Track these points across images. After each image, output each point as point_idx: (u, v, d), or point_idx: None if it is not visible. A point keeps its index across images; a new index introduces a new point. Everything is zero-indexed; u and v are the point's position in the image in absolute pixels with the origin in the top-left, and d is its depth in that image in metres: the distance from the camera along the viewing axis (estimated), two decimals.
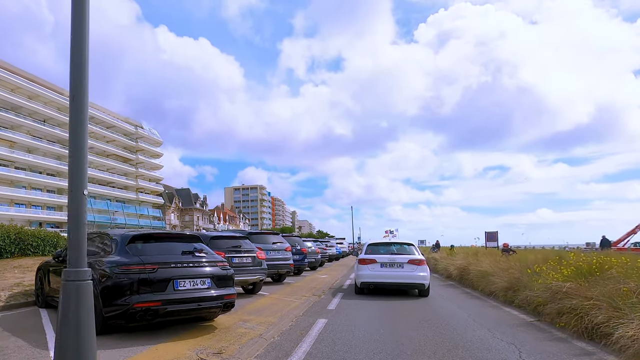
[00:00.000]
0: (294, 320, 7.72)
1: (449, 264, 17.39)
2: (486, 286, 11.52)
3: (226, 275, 6.42)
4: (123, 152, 79.55)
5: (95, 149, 72.83)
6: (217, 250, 9.90)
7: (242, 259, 10.33)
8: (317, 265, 21.36)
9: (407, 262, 11.52)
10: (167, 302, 5.59)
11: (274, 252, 13.64)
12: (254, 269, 10.44)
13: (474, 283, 12.94)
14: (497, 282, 10.58)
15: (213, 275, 6.20)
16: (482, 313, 8.89)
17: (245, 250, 10.48)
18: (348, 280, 16.27)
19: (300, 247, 17.65)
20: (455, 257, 17.82)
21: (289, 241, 17.18)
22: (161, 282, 5.65)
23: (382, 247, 12.53)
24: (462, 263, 15.16)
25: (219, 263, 6.45)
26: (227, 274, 6.44)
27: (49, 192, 64.45)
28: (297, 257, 17.25)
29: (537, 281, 8.47)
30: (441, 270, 18.68)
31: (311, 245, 20.99)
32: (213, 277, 6.19)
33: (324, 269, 22.31)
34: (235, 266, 10.17)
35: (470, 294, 12.22)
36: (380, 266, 11.64)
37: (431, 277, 12.69)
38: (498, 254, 15.44)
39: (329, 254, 30.11)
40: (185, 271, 5.93)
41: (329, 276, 17.89)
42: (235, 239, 10.78)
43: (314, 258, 20.67)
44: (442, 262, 19.19)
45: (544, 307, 7.76)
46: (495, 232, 35.96)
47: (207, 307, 6.03)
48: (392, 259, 11.67)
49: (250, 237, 13.46)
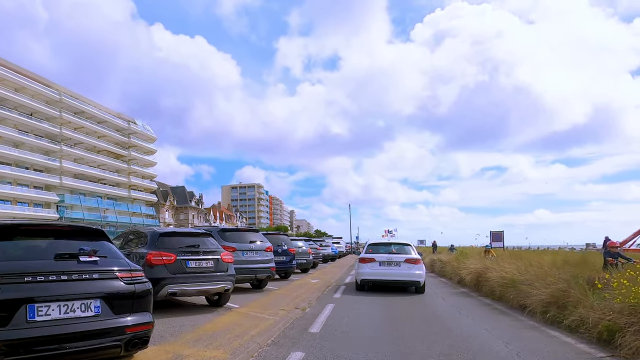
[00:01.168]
0: (255, 356, 5.29)
1: (459, 267, 14.96)
2: (515, 298, 9.08)
3: (133, 292, 3.98)
4: (115, 148, 76.99)
5: (86, 145, 70.38)
6: (166, 251, 7.49)
7: (201, 262, 7.88)
8: (308, 267, 18.93)
9: (404, 261, 12.16)
10: (10, 345, 3.16)
11: (250, 253, 11.19)
12: (216, 275, 8.00)
13: (496, 292, 10.50)
14: (533, 293, 8.13)
15: (108, 295, 3.77)
16: (522, 339, 6.44)
17: (205, 251, 8.03)
18: (343, 286, 13.84)
19: (287, 246, 15.20)
20: (466, 259, 15.34)
21: (274, 240, 14.75)
22: (3, 308, 3.23)
23: (381, 247, 13.15)
24: (477, 267, 12.70)
25: (122, 274, 4.00)
26: (134, 290, 4.00)
27: (36, 188, 61.90)
28: (282, 258, 14.83)
29: (601, 295, 6.04)
30: (450, 275, 16.25)
31: (302, 244, 18.56)
32: (107, 298, 3.77)
33: (317, 271, 19.90)
34: (190, 272, 7.74)
35: (493, 307, 9.79)
36: (379, 264, 12.28)
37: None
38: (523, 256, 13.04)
39: (324, 254, 27.69)
40: (53, 288, 3.50)
41: (320, 281, 15.44)
42: (193, 236, 8.33)
43: (305, 259, 18.22)
44: (451, 265, 16.75)
45: (620, 336, 5.32)
46: (501, 232, 33.67)
47: (93, 349, 3.59)
48: (390, 258, 12.31)
49: (223, 234, 11.06)
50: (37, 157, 61.26)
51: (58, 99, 64.02)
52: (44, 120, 62.44)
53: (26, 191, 59.67)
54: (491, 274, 11.03)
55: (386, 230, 57.96)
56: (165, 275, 7.42)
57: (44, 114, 62.32)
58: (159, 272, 7.41)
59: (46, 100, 62.74)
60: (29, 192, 59.95)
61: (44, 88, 62.14)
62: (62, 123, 65.44)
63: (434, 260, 21.50)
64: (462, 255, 17.60)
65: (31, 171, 60.89)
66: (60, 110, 64.55)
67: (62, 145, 64.98)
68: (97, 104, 74.94)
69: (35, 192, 61.16)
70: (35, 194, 60.97)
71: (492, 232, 34.25)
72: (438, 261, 20.25)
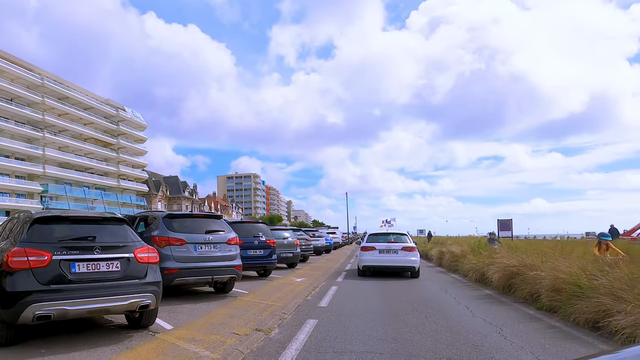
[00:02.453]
0: None
1: (481, 263, 12.08)
2: (585, 312, 6.14)
3: None
4: (103, 136, 73.74)
5: (71, 132, 67.14)
6: (36, 247, 4.56)
7: (98, 264, 4.94)
8: (295, 261, 16.01)
9: (401, 249, 13.49)
10: None
11: (206, 246, 8.23)
12: (124, 285, 5.05)
13: (545, 300, 7.58)
14: (614, 309, 5.20)
15: None
16: None
17: (105, 246, 5.07)
18: (334, 287, 10.97)
19: (266, 238, 12.27)
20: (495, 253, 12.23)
21: (249, 230, 11.89)
22: None
23: (381, 237, 14.46)
24: (511, 263, 9.74)
25: None
26: None
27: (18, 177, 58.82)
28: (259, 252, 11.93)
29: None
30: (466, 271, 13.33)
31: (288, 235, 15.63)
32: None
33: (306, 266, 17.03)
34: (78, 281, 4.81)
35: (545, 322, 6.90)
36: (379, 252, 13.58)
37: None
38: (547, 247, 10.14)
39: (317, 245, 24.80)
40: None
41: (307, 279, 12.56)
42: (90, 222, 5.37)
43: (291, 252, 15.30)
44: (468, 260, 13.80)
45: None
46: (509, 220, 30.91)
47: None
48: (388, 246, 13.62)
49: (170, 222, 8.11)
50: (19, 144, 58.05)
51: (40, 84, 60.62)
52: (26, 107, 59.16)
53: (8, 181, 56.57)
54: (535, 274, 8.07)
55: (384, 221, 56.83)
56: (31, 288, 4.51)
57: (25, 100, 59.00)
58: (20, 282, 4.50)
59: (27, 84, 59.35)
60: (10, 182, 56.84)
61: (25, 72, 58.73)
62: (45, 109, 62.15)
63: (442, 253, 18.62)
64: (483, 247, 14.70)
65: (12, 160, 57.77)
66: (43, 96, 61.19)
67: (45, 133, 61.77)
68: (83, 90, 71.56)
69: (17, 182, 58.09)
70: (17, 184, 57.90)
71: (500, 220, 31.55)
72: (447, 254, 17.33)
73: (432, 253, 22.10)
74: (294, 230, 18.84)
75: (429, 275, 14.64)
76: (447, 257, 16.93)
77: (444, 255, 17.88)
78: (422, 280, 13.16)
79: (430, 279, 13.53)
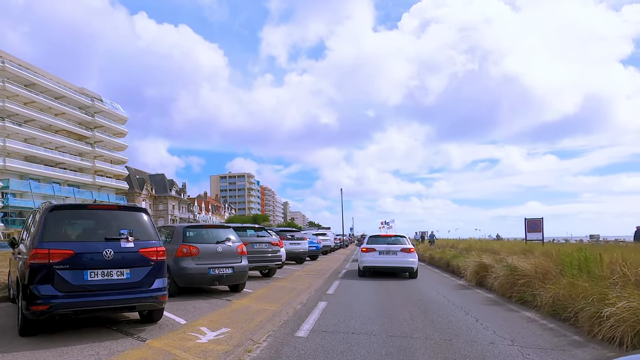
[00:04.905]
0: None
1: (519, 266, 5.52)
2: None
3: None
4: (77, 128, 67.19)
5: (39, 123, 60.53)
6: None
7: None
8: (240, 281, 9.38)
9: (400, 250, 14.14)
10: None
11: None
12: None
13: None
14: None
15: None
16: None
17: None
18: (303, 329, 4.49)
19: (133, 243, 5.73)
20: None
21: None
22: None
23: (380, 239, 15.12)
24: None
25: None
26: None
27: None
28: (112, 277, 5.37)
29: None
30: (490, 284, 6.97)
31: (226, 237, 9.04)
32: None
33: (263, 287, 10.59)
34: None
35: None
36: (378, 254, 14.19)
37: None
38: None
39: (296, 251, 18.30)
40: None
41: (227, 337, 6.04)
42: None
43: (230, 266, 8.71)
44: (498, 268, 7.52)
45: None
46: (540, 220, 24.31)
47: None
48: (388, 247, 14.25)
49: None
50: None
51: (0, 67, 54.14)
52: None
53: None
54: None
55: (382, 222, 52.59)
56: None
57: None
58: None
59: None
60: None
61: None
62: (8, 96, 55.61)
63: (487, 267, 11.87)
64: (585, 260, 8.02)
65: None
66: (4, 81, 54.67)
67: (6, 122, 55.19)
68: (54, 77, 65.09)
69: None
70: None
71: (528, 219, 24.98)
72: (504, 268, 10.49)
73: (458, 263, 15.69)
74: (255, 230, 12.29)
75: (486, 316, 8.04)
76: (505, 276, 10.04)
77: (491, 271, 11.15)
78: None
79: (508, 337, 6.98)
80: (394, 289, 11.44)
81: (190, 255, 8.11)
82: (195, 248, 8.19)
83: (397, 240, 14.79)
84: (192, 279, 8.19)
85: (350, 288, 11.56)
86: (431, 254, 22.11)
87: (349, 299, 9.44)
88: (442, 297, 10.04)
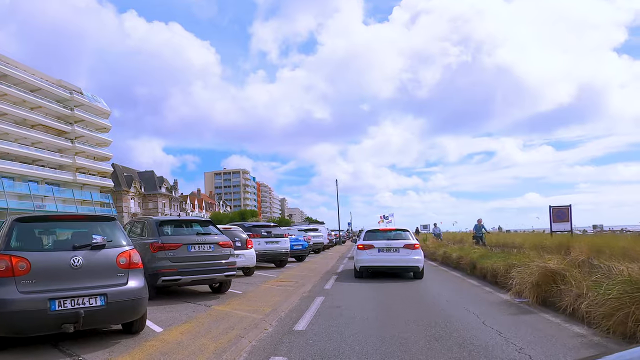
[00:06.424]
0: None
1: None
2: None
3: None
4: (55, 122, 62.89)
5: (12, 117, 56.25)
6: None
7: None
8: (132, 322, 5.31)
9: (403, 247, 12.39)
10: None
11: None
12: None
13: None
14: None
15: None
16: None
17: None
18: None
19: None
20: None
21: None
22: None
23: (380, 234, 13.29)
24: None
25: None
26: None
27: None
28: None
29: None
30: (571, 306, 3.69)
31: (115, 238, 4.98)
32: None
33: (206, 314, 6.59)
34: None
35: None
36: (377, 251, 12.43)
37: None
38: None
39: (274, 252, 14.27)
40: None
41: None
42: None
43: (102, 293, 4.65)
44: None
45: None
46: (567, 207, 20.50)
47: None
48: (388, 244, 12.50)
49: None
50: None
51: None
52: None
53: None
54: None
55: (381, 216, 49.97)
56: None
57: None
58: None
59: None
60: None
61: None
62: None
63: (547, 273, 7.73)
64: None
65: None
66: None
67: None
68: (29, 68, 60.73)
69: None
70: None
71: (553, 207, 21.16)
72: (565, 276, 6.46)
73: (494, 266, 11.17)
74: (201, 225, 8.19)
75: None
76: (618, 299, 5.51)
77: (568, 283, 6.89)
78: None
79: None
80: (409, 308, 7.40)
81: (11, 275, 4.02)
82: (23, 261, 4.12)
83: (398, 234, 13.08)
84: (13, 323, 4.08)
85: (341, 311, 7.49)
86: (445, 252, 18.01)
87: (331, 344, 5.34)
88: (491, 329, 5.95)
